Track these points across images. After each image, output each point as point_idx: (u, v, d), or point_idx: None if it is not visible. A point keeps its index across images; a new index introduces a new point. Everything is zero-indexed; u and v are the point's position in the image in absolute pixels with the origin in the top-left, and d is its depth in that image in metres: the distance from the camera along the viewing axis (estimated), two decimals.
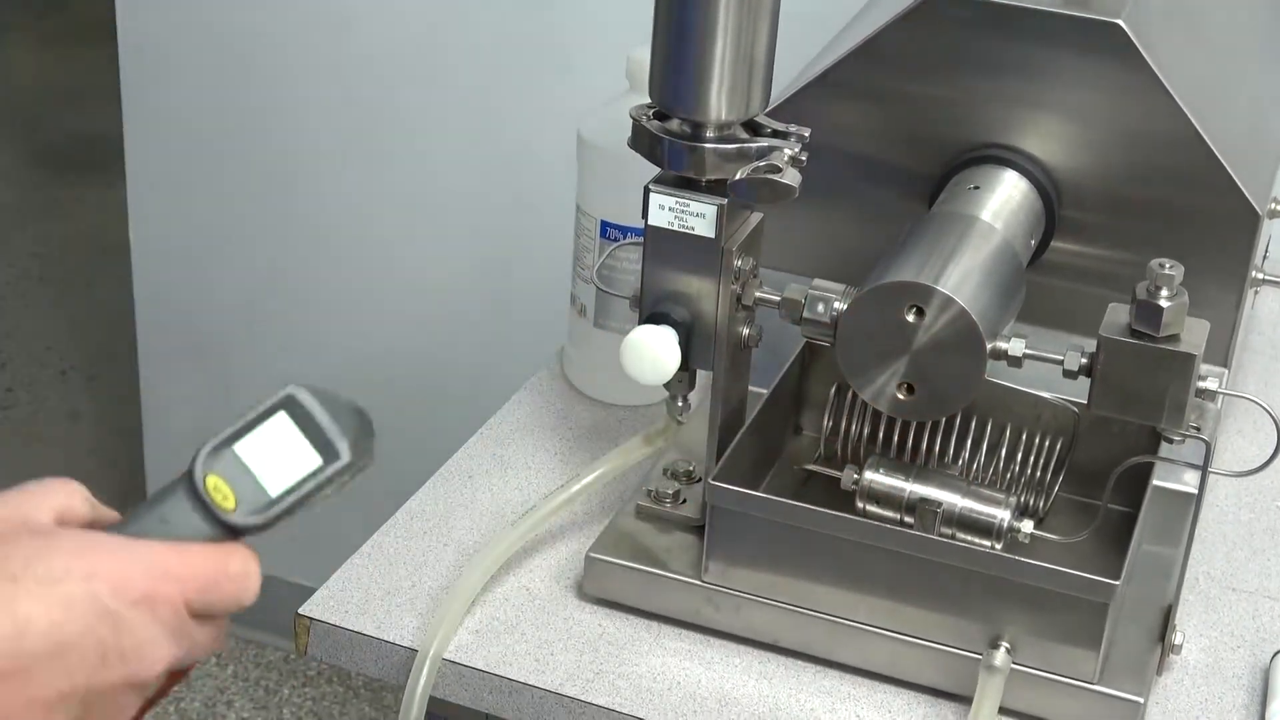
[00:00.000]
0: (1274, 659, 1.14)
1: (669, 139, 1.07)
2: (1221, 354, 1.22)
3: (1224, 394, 1.08)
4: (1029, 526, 1.12)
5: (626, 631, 1.15)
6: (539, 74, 2.03)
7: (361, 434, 0.76)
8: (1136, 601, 1.13)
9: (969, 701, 1.07)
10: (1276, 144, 1.34)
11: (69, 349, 3.31)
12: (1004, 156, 1.21)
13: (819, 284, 1.09)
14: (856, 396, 1.16)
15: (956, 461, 1.19)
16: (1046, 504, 1.20)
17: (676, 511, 1.19)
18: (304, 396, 0.76)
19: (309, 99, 2.18)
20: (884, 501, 1.14)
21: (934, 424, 1.19)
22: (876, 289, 1.05)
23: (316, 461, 0.75)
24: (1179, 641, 1.12)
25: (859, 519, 1.12)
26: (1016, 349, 1.06)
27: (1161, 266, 1.02)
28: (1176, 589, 1.11)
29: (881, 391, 1.07)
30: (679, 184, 1.09)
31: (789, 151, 1.06)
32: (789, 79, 1.27)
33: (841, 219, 1.29)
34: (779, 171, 1.04)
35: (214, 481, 0.75)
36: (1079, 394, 1.09)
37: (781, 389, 1.24)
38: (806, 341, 1.22)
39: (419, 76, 2.10)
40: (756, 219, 1.13)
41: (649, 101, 1.09)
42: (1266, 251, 1.35)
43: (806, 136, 1.08)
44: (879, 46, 1.23)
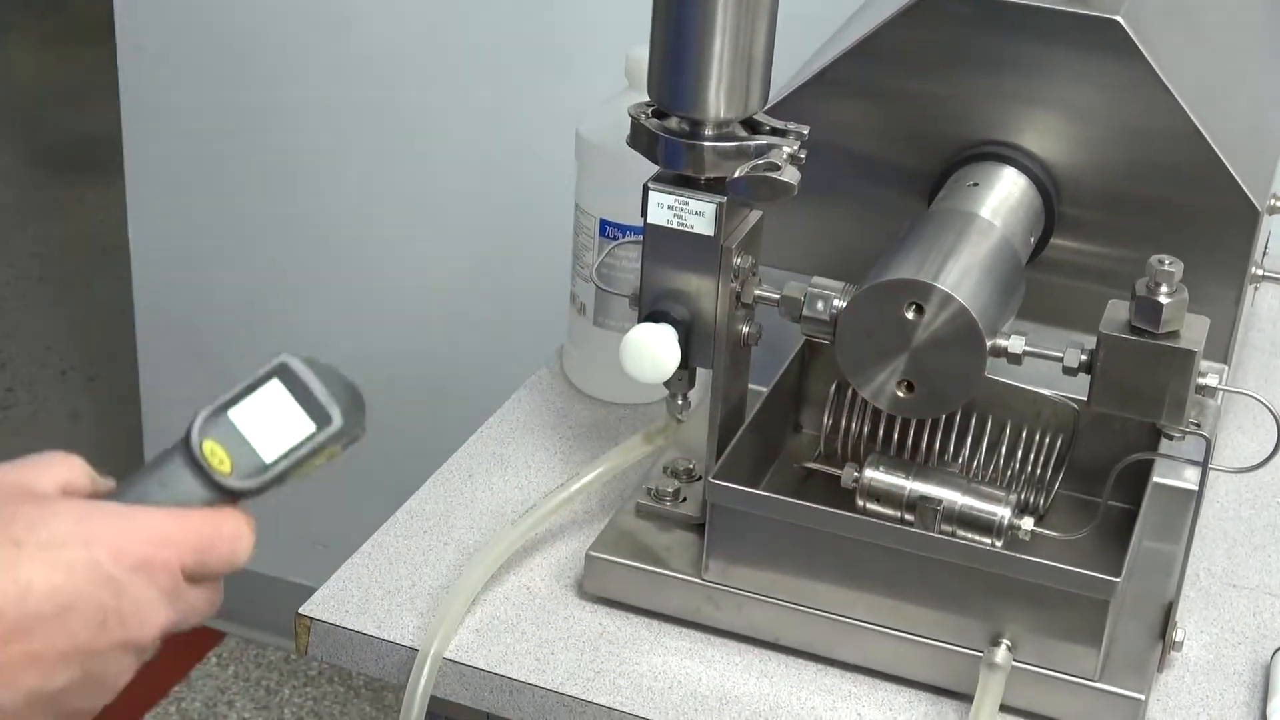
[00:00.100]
0: (1275, 656, 1.13)
1: (668, 137, 1.07)
2: (1221, 350, 1.22)
3: (1224, 390, 1.08)
4: (1029, 524, 1.12)
5: (627, 630, 1.15)
6: (538, 73, 2.03)
7: (353, 404, 0.78)
8: (1137, 598, 1.13)
9: (970, 699, 1.07)
10: (1276, 140, 1.34)
11: (69, 349, 3.31)
12: (1003, 153, 1.21)
13: (818, 281, 1.09)
14: (856, 394, 1.16)
15: (956, 459, 1.19)
16: (1047, 501, 1.20)
17: (677, 510, 1.19)
18: (296, 365, 0.77)
19: (309, 99, 2.18)
20: (884, 499, 1.14)
21: (934, 421, 1.19)
22: (876, 286, 1.05)
23: (310, 427, 0.77)
24: (1180, 638, 1.12)
25: (859, 517, 1.12)
26: (1016, 346, 1.06)
27: (1161, 263, 1.02)
28: (1177, 586, 1.11)
29: (881, 389, 1.07)
30: (678, 182, 1.09)
31: (788, 149, 1.06)
32: (788, 77, 1.27)
33: (840, 216, 1.29)
34: (778, 169, 1.04)
35: (210, 446, 0.76)
36: (1079, 391, 1.09)
37: (781, 387, 1.24)
38: (806, 339, 1.22)
39: (418, 76, 2.10)
40: (755, 217, 1.13)
41: (648, 100, 1.09)
42: (1266, 248, 1.36)
43: (805, 134, 1.08)
44: (877, 44, 1.23)
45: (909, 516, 1.13)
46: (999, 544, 1.11)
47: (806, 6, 1.41)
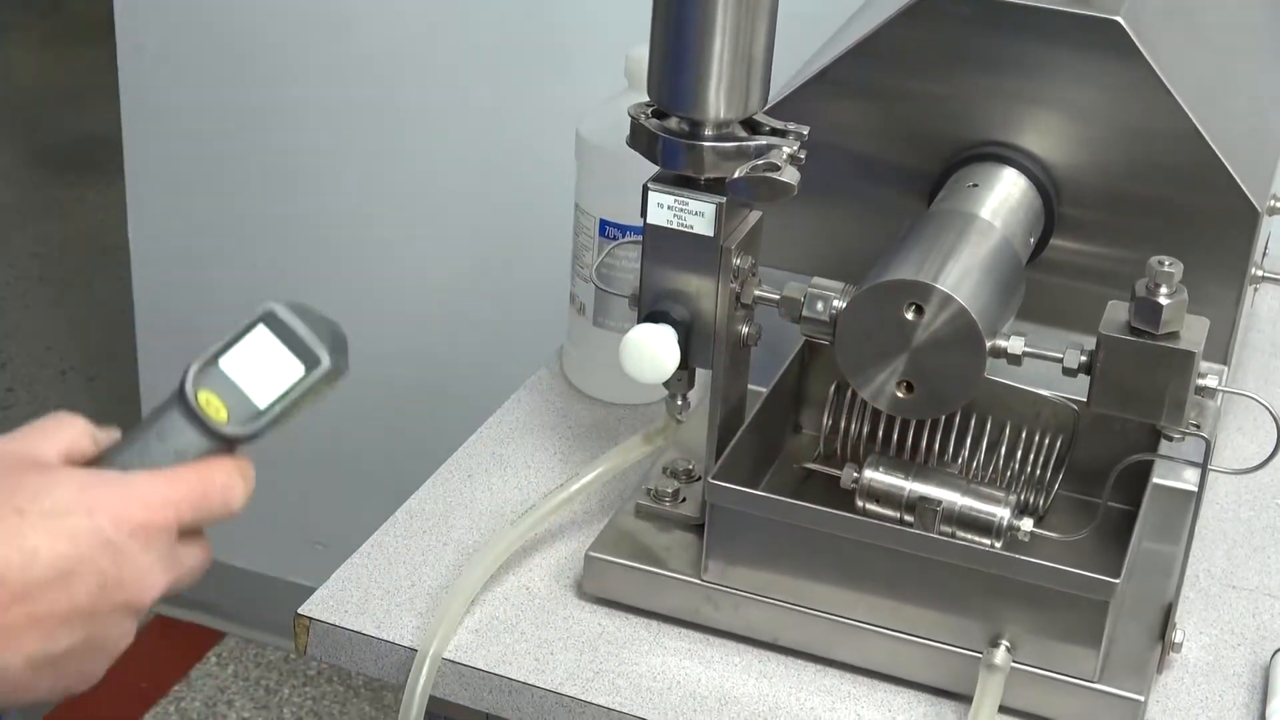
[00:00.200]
0: (1274, 657, 1.13)
1: (668, 137, 1.07)
2: (1221, 351, 1.22)
3: (1224, 391, 1.08)
4: (1029, 525, 1.12)
5: (626, 630, 1.15)
6: (538, 73, 2.03)
7: (336, 343, 0.81)
8: (1137, 599, 1.13)
9: (969, 700, 1.07)
10: (1276, 141, 1.34)
11: (69, 349, 3.31)
12: (1003, 154, 1.21)
13: (818, 282, 1.09)
14: (856, 395, 1.16)
15: (956, 460, 1.19)
16: (1046, 502, 1.20)
17: (676, 510, 1.19)
18: (281, 310, 0.80)
19: (309, 99, 2.18)
20: (884, 500, 1.14)
21: (933, 422, 1.19)
22: (875, 287, 1.05)
23: (300, 370, 0.80)
24: (1179, 639, 1.11)
25: (859, 517, 1.12)
26: (1016, 347, 1.05)
27: (1161, 264, 1.02)
28: (1177, 587, 1.11)
29: (881, 390, 1.07)
30: (678, 182, 1.09)
31: (788, 150, 1.06)
32: (788, 77, 1.27)
33: (840, 217, 1.29)
34: (778, 170, 1.04)
35: (205, 397, 0.80)
36: (1079, 392, 1.09)
37: (781, 387, 1.24)
38: (806, 340, 1.22)
39: (418, 76, 2.10)
40: (755, 217, 1.12)
41: (648, 100, 1.09)
42: (1266, 248, 1.35)
43: (805, 135, 1.08)
44: (878, 44, 1.23)
45: (908, 517, 1.13)
46: (998, 545, 1.11)
47: (806, 6, 1.41)
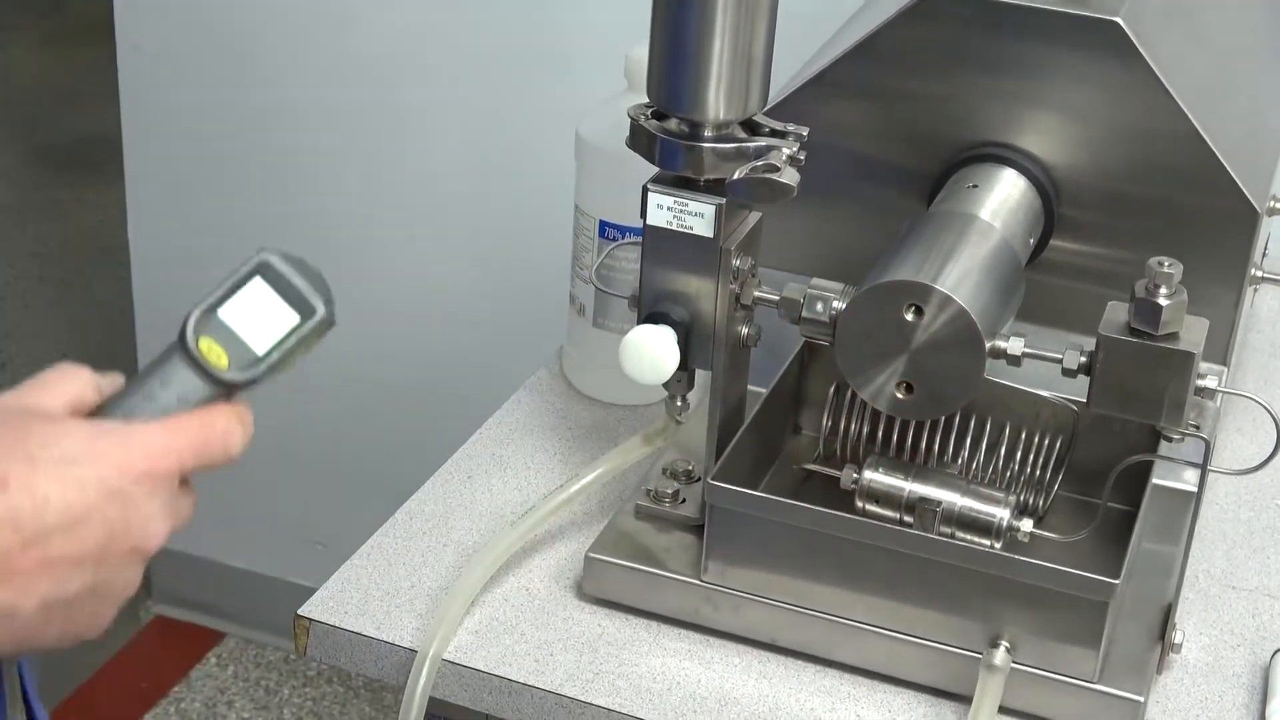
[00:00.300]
0: (1274, 657, 1.13)
1: (667, 138, 1.07)
2: (1221, 352, 1.22)
3: (1223, 392, 1.08)
4: (1028, 525, 1.12)
5: (626, 631, 1.15)
6: (538, 74, 2.03)
7: (328, 294, 0.84)
8: (1136, 600, 1.13)
9: (969, 701, 1.07)
10: (1275, 142, 1.34)
11: (69, 349, 3.31)
12: (1003, 155, 1.21)
13: (817, 283, 1.09)
14: (856, 395, 1.16)
15: (956, 460, 1.19)
16: (1046, 503, 1.20)
17: (676, 511, 1.19)
18: (276, 260, 0.83)
19: (308, 99, 2.18)
20: (883, 501, 1.14)
21: (933, 423, 1.19)
22: (875, 288, 1.05)
23: (295, 319, 0.83)
24: (1179, 640, 1.11)
25: (858, 518, 1.12)
26: (1015, 348, 1.05)
27: (1160, 265, 1.02)
28: (1176, 587, 1.11)
29: (880, 390, 1.07)
30: (677, 183, 1.09)
31: (787, 151, 1.06)
32: (787, 78, 1.27)
33: (840, 218, 1.29)
34: (777, 171, 1.04)
35: (206, 344, 0.82)
36: (1078, 392, 1.09)
37: (780, 388, 1.24)
38: (805, 341, 1.22)
39: (418, 76, 2.10)
40: (755, 218, 1.13)
41: (647, 101, 1.09)
42: (1265, 249, 1.35)
43: (805, 135, 1.08)
44: (877, 45, 1.23)
45: (908, 518, 1.13)
46: (998, 545, 1.11)
47: (806, 6, 1.41)
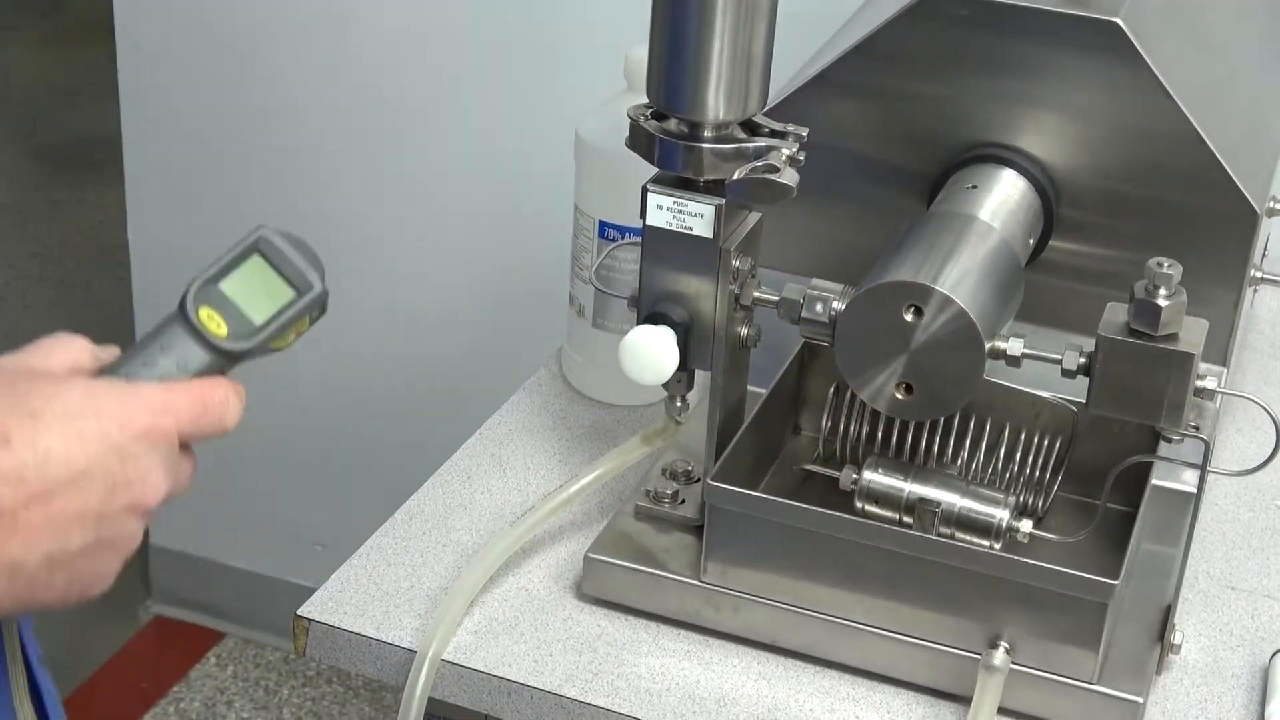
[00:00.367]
0: (1273, 658, 1.13)
1: (667, 139, 1.07)
2: (1220, 353, 1.22)
3: (1223, 393, 1.07)
4: (1028, 526, 1.12)
5: (625, 632, 1.15)
6: (537, 74, 2.03)
7: (323, 271, 0.87)
8: (1136, 601, 1.13)
9: (968, 702, 1.07)
10: (1275, 142, 1.34)
11: None
12: (1002, 155, 1.21)
13: (817, 284, 1.09)
14: (855, 396, 1.16)
15: (955, 461, 1.19)
16: (1045, 503, 1.20)
17: (675, 512, 1.19)
18: (274, 237, 0.86)
19: (307, 99, 2.18)
20: (883, 501, 1.14)
21: (933, 423, 1.19)
22: (875, 289, 1.05)
23: (291, 293, 0.86)
24: (1178, 641, 1.11)
25: (858, 519, 1.12)
26: (1015, 348, 1.05)
27: (1160, 265, 1.02)
28: (1176, 588, 1.11)
29: (880, 391, 1.07)
30: (677, 184, 1.09)
31: (787, 151, 1.06)
32: (787, 78, 1.27)
33: (840, 218, 1.29)
34: (777, 171, 1.04)
35: (206, 313, 0.85)
36: (1078, 393, 1.09)
37: (780, 389, 1.24)
38: (805, 341, 1.22)
39: (417, 76, 2.10)
40: (755, 219, 1.12)
41: (647, 101, 1.09)
42: (1265, 250, 1.35)
43: (804, 136, 1.08)
44: (877, 45, 1.23)
45: (907, 519, 1.13)
46: (997, 546, 1.11)
47: (806, 6, 1.41)
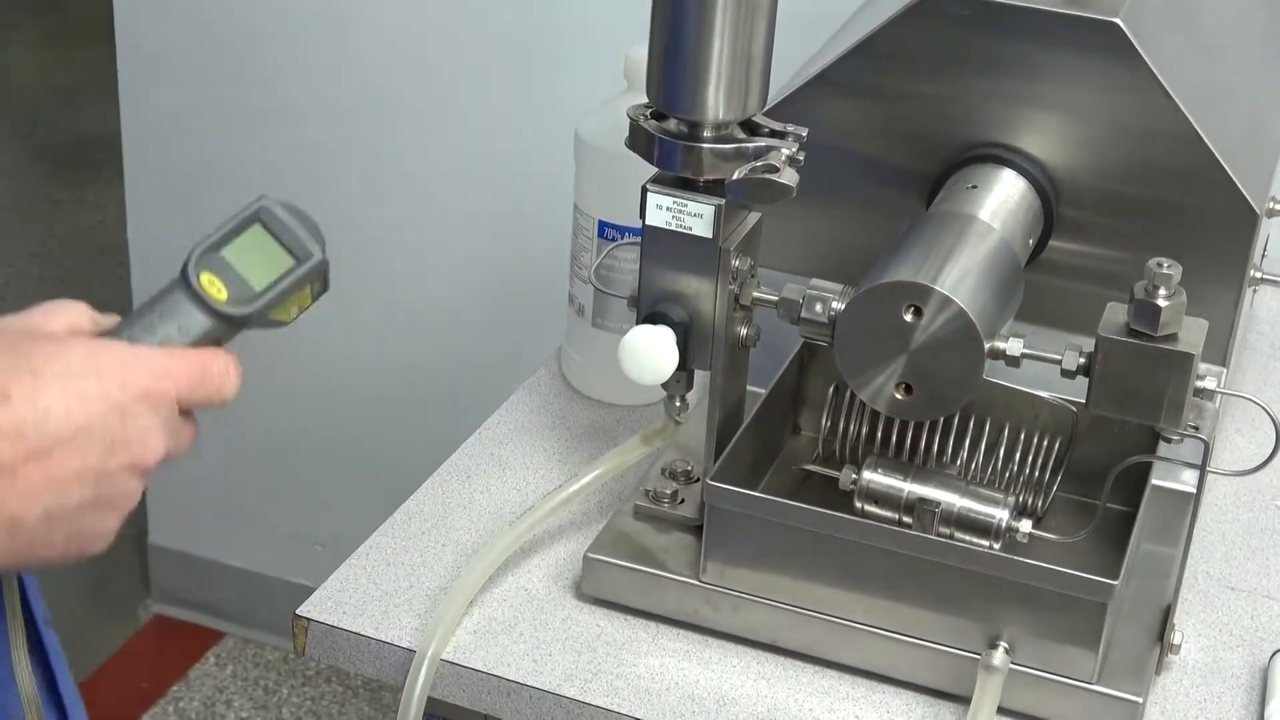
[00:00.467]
0: (1273, 658, 1.13)
1: (666, 139, 1.07)
2: (1220, 353, 1.22)
3: (1222, 393, 1.07)
4: (1027, 526, 1.12)
5: (625, 632, 1.15)
6: (537, 74, 2.02)
7: (323, 242, 0.89)
8: (1135, 601, 1.13)
9: (968, 701, 1.07)
10: (1274, 142, 1.34)
11: None
12: (1002, 155, 1.21)
13: (817, 284, 1.09)
14: (855, 396, 1.16)
15: (955, 461, 1.19)
16: (1045, 504, 1.20)
17: (674, 511, 1.19)
18: (274, 207, 0.88)
19: (307, 99, 2.18)
20: (882, 501, 1.14)
21: (932, 424, 1.19)
22: (874, 289, 1.05)
23: (291, 261, 0.88)
24: (1178, 641, 1.11)
25: (857, 519, 1.12)
26: (1015, 348, 1.05)
27: (1160, 266, 1.02)
28: (1175, 588, 1.11)
29: (880, 391, 1.07)
30: (677, 184, 1.09)
31: (786, 151, 1.06)
32: (787, 77, 1.27)
33: (839, 218, 1.29)
34: (776, 171, 1.04)
35: (207, 278, 0.87)
36: (1077, 393, 1.09)
37: (780, 389, 1.24)
38: (804, 341, 1.22)
39: (417, 76, 2.10)
40: (754, 219, 1.12)
41: (647, 101, 1.09)
42: (1265, 250, 1.35)
43: (804, 136, 1.08)
44: (877, 45, 1.23)
45: (907, 519, 1.13)
46: (997, 546, 1.11)
47: (806, 6, 1.41)
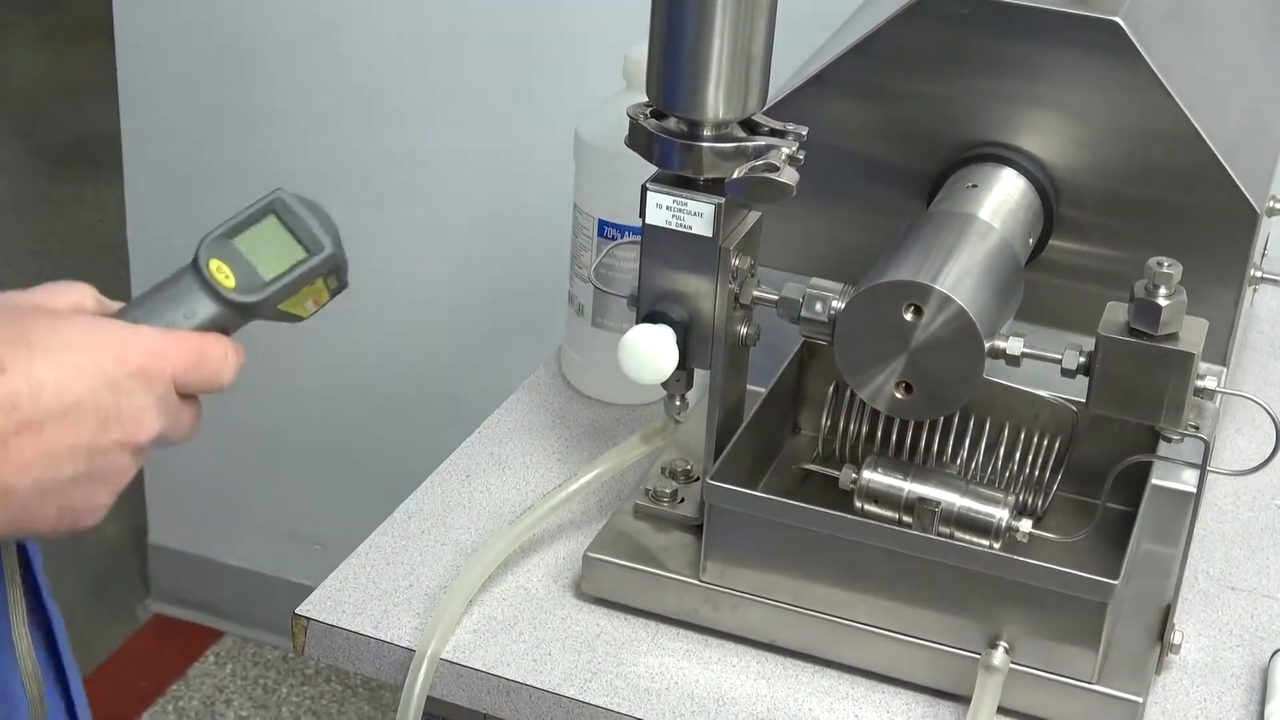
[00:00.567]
0: (1272, 658, 1.13)
1: (666, 138, 1.07)
2: (1220, 352, 1.22)
3: (1222, 393, 1.07)
4: (1027, 526, 1.12)
5: (624, 631, 1.15)
6: (536, 73, 2.02)
7: (337, 238, 0.90)
8: (1135, 600, 1.13)
9: (968, 701, 1.07)
10: (1275, 142, 1.34)
11: None
12: (1002, 155, 1.21)
13: (817, 283, 1.09)
14: (855, 395, 1.16)
15: (955, 460, 1.19)
16: (1045, 503, 1.20)
17: (674, 511, 1.19)
18: (290, 200, 0.89)
19: (306, 98, 2.18)
20: (882, 501, 1.14)
21: (932, 423, 1.19)
22: (874, 288, 1.05)
23: (302, 253, 0.89)
24: (1178, 640, 1.11)
25: (857, 518, 1.12)
26: (1015, 348, 1.05)
27: (1160, 265, 1.02)
28: (1175, 588, 1.11)
29: (880, 390, 1.07)
30: (676, 183, 1.08)
31: (786, 150, 1.06)
32: (787, 77, 1.27)
33: (839, 217, 1.29)
34: (776, 170, 1.04)
35: (216, 264, 0.88)
36: (1078, 393, 1.09)
37: (780, 388, 1.24)
38: (805, 340, 1.21)
39: (417, 75, 2.10)
40: (754, 218, 1.12)
41: (646, 100, 1.09)
42: (1265, 249, 1.35)
43: (804, 135, 1.08)
44: (877, 44, 1.23)
45: (907, 518, 1.13)
46: (997, 546, 1.11)
47: (806, 6, 1.41)
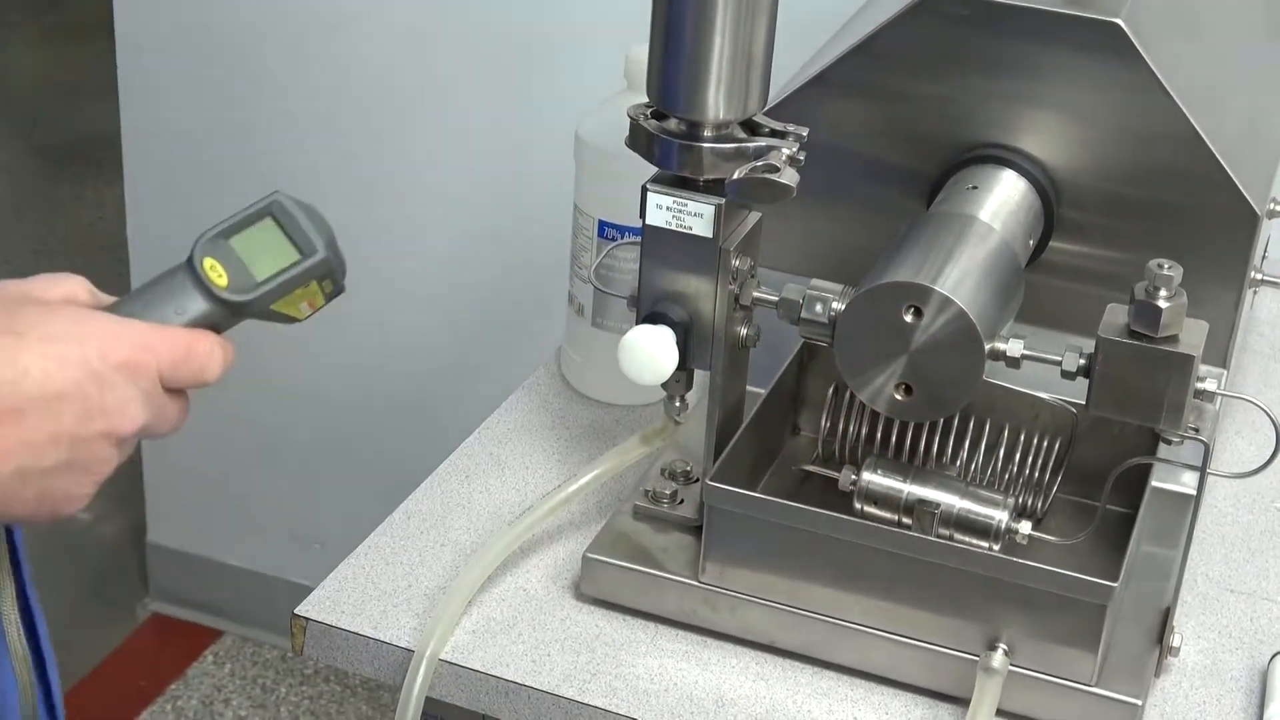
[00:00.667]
0: (1272, 660, 1.13)
1: (666, 138, 1.07)
2: (1220, 355, 1.22)
3: (1222, 395, 1.07)
4: (1027, 528, 1.12)
5: (623, 632, 1.15)
6: (537, 73, 2.02)
7: (334, 248, 0.91)
8: (1135, 603, 1.13)
9: (967, 703, 1.07)
10: (1275, 143, 1.34)
11: None
12: (1002, 156, 1.21)
13: (817, 284, 1.09)
14: (854, 397, 1.16)
15: (955, 462, 1.19)
16: (1045, 505, 1.20)
17: (674, 512, 1.19)
18: (287, 202, 0.90)
19: (306, 97, 2.18)
20: (882, 502, 1.14)
21: (932, 424, 1.19)
22: (874, 289, 1.05)
23: (296, 255, 0.90)
24: (1177, 643, 1.11)
25: (856, 520, 1.12)
26: (1015, 349, 1.05)
27: (1160, 267, 1.02)
28: (1175, 590, 1.11)
29: (879, 392, 1.07)
30: (677, 183, 1.08)
31: (787, 151, 1.06)
32: (788, 77, 1.27)
33: (839, 219, 1.28)
34: (777, 171, 1.04)
35: (210, 263, 0.89)
36: (1077, 395, 1.09)
37: (779, 389, 1.24)
38: (804, 341, 1.21)
39: (417, 75, 2.10)
40: (754, 218, 1.12)
41: (647, 101, 1.09)
42: (1265, 252, 1.35)
43: (804, 136, 1.08)
44: (877, 45, 1.23)
45: (906, 520, 1.13)
46: (996, 548, 1.11)
47: (806, 6, 1.41)
